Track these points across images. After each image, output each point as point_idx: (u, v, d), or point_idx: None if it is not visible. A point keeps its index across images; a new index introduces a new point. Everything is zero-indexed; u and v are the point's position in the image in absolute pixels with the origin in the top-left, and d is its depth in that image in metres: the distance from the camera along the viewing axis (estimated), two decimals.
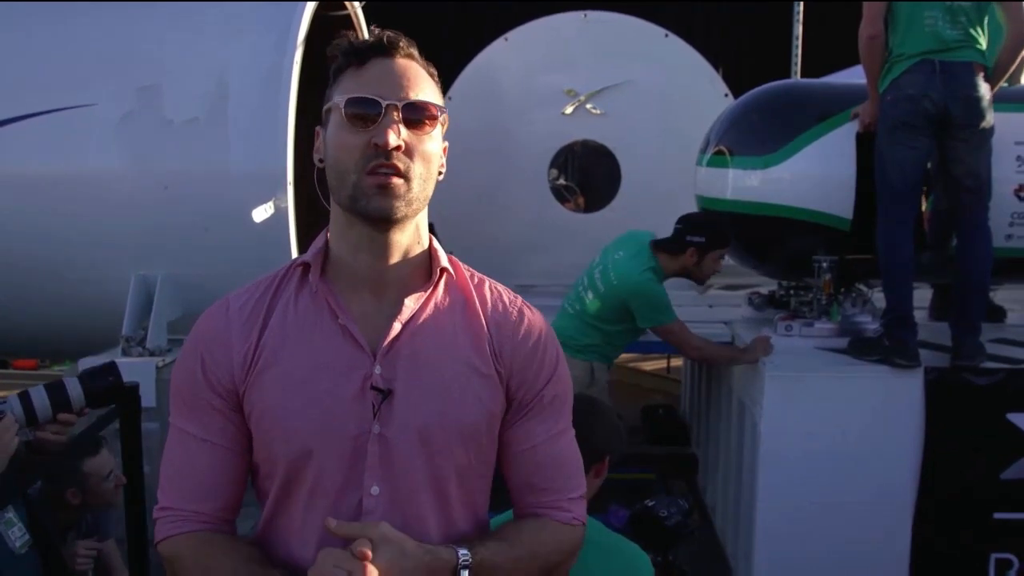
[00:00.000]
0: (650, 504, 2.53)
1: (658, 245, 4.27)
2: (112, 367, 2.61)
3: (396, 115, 1.40)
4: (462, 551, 1.41)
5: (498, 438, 1.55)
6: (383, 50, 1.44)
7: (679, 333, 4.21)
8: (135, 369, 4.00)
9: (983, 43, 3.83)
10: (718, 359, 4.36)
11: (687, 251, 4.20)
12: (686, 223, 4.28)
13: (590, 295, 4.29)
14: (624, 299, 4.17)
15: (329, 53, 1.48)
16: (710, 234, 4.23)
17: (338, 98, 1.43)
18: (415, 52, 1.48)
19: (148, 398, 3.94)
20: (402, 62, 1.45)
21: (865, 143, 4.16)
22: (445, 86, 1.58)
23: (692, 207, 4.78)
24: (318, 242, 1.53)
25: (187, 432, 1.49)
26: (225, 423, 1.48)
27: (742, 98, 4.78)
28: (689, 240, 4.19)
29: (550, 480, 1.57)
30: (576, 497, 1.60)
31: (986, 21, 3.83)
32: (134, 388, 3.56)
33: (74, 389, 2.43)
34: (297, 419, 1.43)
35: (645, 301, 4.14)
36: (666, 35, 6.24)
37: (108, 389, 2.61)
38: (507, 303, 1.57)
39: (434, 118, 1.45)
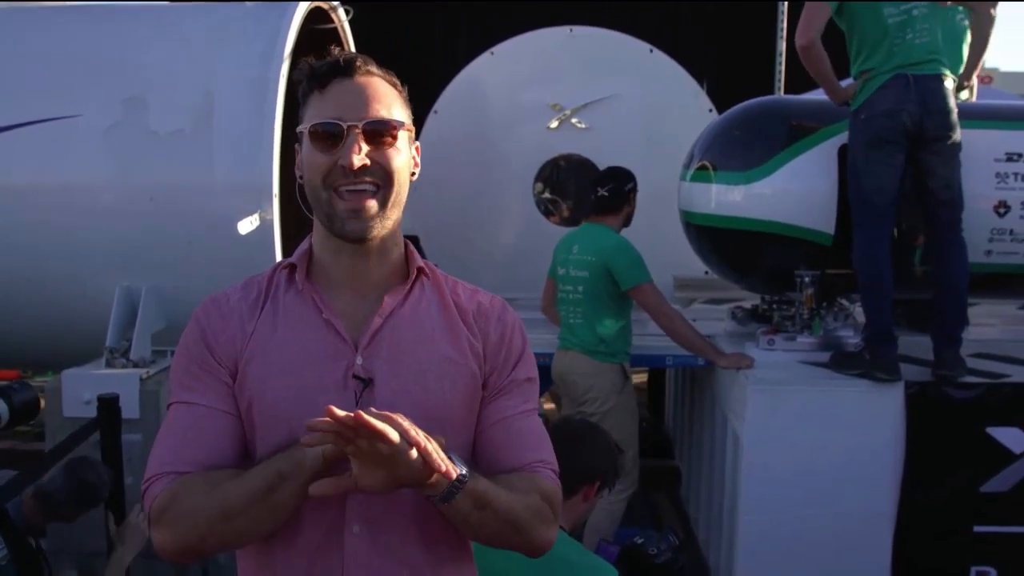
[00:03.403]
0: (639, 541, 2.56)
1: (600, 212, 4.55)
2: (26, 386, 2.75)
3: (357, 133, 1.49)
4: (463, 470, 1.43)
5: (479, 415, 1.62)
6: (342, 71, 1.52)
7: (654, 296, 4.36)
8: (119, 381, 4.00)
9: (946, 52, 3.88)
10: (686, 337, 4.37)
11: (629, 199, 4.54)
12: (614, 179, 4.59)
13: (581, 291, 4.42)
14: (607, 265, 4.35)
15: (294, 78, 1.57)
16: (633, 176, 4.60)
17: (305, 123, 1.54)
18: (374, 68, 1.56)
19: (132, 410, 3.94)
20: (361, 80, 1.53)
21: (847, 159, 4.20)
22: (431, 100, 1.63)
23: (676, 220, 4.82)
24: (303, 245, 1.64)
25: (194, 403, 1.51)
26: (230, 393, 1.52)
27: (726, 114, 4.82)
28: (627, 190, 4.56)
29: (528, 446, 1.61)
30: (555, 469, 1.62)
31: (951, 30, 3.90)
32: (114, 400, 3.58)
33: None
34: (285, 407, 1.51)
35: (625, 258, 4.34)
36: (651, 50, 6.28)
37: (28, 403, 2.71)
38: (480, 299, 1.68)
39: (395, 131, 1.53)
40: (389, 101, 1.54)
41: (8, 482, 3.00)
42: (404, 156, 1.55)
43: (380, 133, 1.51)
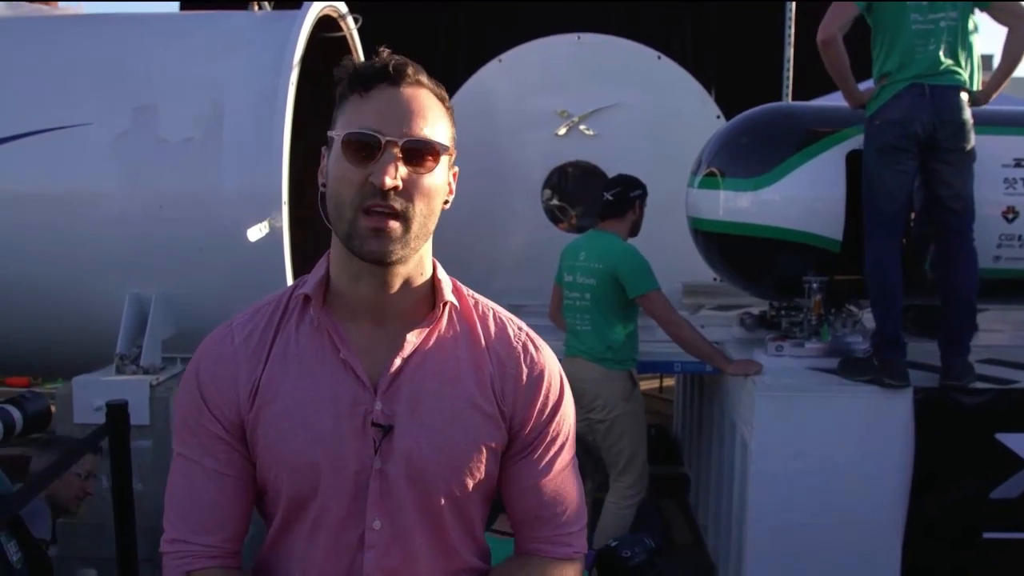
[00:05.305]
0: (613, 544, 2.56)
1: (604, 217, 4.55)
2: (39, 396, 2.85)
3: (396, 152, 1.34)
4: None
5: (502, 472, 1.53)
6: (389, 78, 1.37)
7: (661, 304, 4.35)
8: (129, 387, 4.01)
9: (965, 65, 3.88)
10: (694, 344, 4.36)
11: (635, 205, 4.54)
12: (622, 185, 4.59)
13: (588, 298, 4.41)
14: (614, 272, 4.34)
15: (335, 75, 1.42)
16: (642, 184, 4.61)
17: (339, 128, 1.39)
18: (424, 78, 1.41)
19: (142, 416, 3.96)
20: (408, 91, 1.38)
21: (854, 165, 4.21)
22: None
23: (684, 227, 4.82)
24: (319, 270, 1.50)
25: (193, 461, 1.47)
26: (231, 452, 1.46)
27: (733, 120, 4.83)
28: (632, 196, 4.56)
29: (552, 515, 1.55)
30: (577, 530, 1.57)
31: (968, 43, 3.89)
32: (123, 406, 3.59)
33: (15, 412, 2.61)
34: (300, 455, 1.42)
35: (632, 265, 4.34)
36: (659, 57, 6.29)
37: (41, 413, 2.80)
38: (511, 338, 1.53)
39: (436, 154, 1.38)
40: (435, 118, 1.39)
41: (20, 490, 3.02)
42: (440, 180, 1.41)
43: (420, 154, 1.36)
